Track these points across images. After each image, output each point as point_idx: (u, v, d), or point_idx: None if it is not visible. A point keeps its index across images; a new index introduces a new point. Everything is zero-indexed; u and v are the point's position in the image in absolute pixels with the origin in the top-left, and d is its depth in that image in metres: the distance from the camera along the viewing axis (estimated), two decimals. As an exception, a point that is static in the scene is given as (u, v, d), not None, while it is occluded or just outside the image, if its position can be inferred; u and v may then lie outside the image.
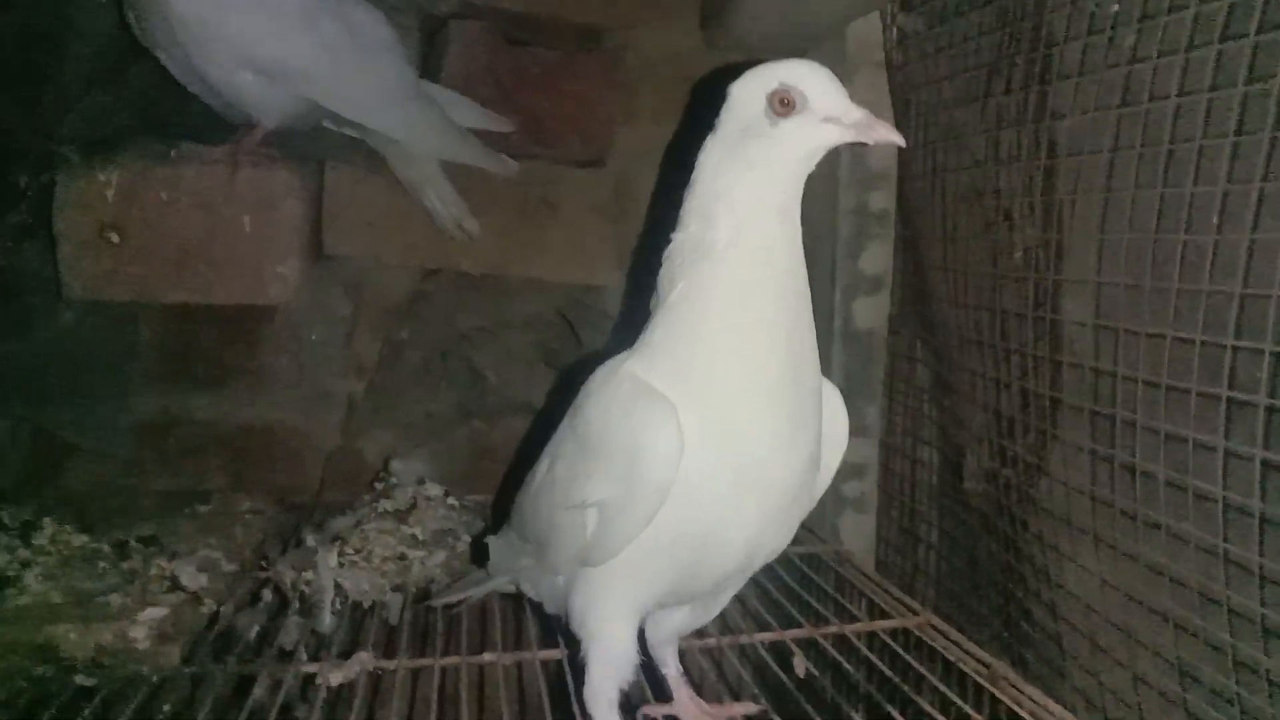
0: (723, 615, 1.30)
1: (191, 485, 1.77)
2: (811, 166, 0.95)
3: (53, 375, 1.70)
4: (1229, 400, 0.98)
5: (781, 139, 0.91)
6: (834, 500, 1.79)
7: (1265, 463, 0.94)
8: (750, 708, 1.17)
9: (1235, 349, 0.97)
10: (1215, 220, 0.99)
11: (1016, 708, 1.15)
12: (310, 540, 1.53)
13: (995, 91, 1.41)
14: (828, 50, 1.74)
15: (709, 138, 0.97)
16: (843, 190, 1.76)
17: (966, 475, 1.49)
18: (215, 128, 1.69)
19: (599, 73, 1.94)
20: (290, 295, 1.69)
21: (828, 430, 1.03)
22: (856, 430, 1.79)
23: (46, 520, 1.43)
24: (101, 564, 1.37)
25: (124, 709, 1.11)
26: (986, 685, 1.20)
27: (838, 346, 1.78)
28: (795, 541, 1.67)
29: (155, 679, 1.18)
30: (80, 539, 1.41)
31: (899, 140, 0.93)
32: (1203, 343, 1.00)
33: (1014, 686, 1.19)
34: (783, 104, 0.90)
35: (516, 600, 1.36)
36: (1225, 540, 0.99)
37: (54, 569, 1.33)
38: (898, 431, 1.81)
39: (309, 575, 1.45)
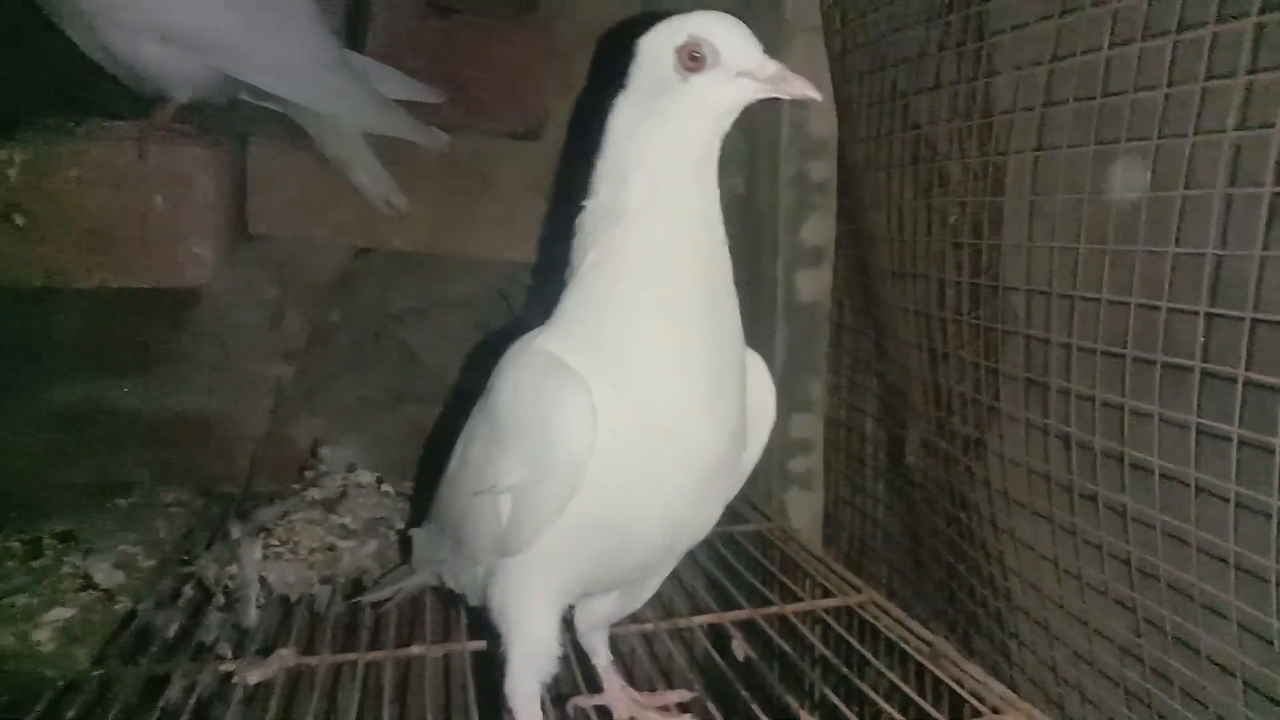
0: (660, 597, 1.27)
1: (113, 478, 1.69)
2: (727, 125, 0.90)
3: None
4: (1164, 366, 0.94)
5: (692, 95, 0.87)
6: (780, 477, 1.76)
7: (1201, 430, 0.91)
8: (684, 695, 1.13)
9: (1170, 311, 0.94)
10: (1148, 178, 0.96)
11: (957, 686, 1.12)
12: (235, 532, 1.48)
13: (931, 50, 1.37)
14: (764, 16, 1.69)
15: (619, 96, 0.92)
16: (783, 159, 1.71)
17: (908, 450, 1.46)
18: (131, 103, 1.61)
19: (532, 41, 1.89)
20: (208, 277, 1.62)
21: (753, 403, 0.98)
22: (801, 405, 1.78)
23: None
24: (9, 563, 1.31)
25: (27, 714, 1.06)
26: (927, 664, 1.18)
27: (781, 320, 1.73)
28: (739, 519, 1.68)
29: (60, 683, 1.12)
30: None
31: (814, 95, 0.88)
32: (1138, 306, 0.97)
33: (955, 664, 1.16)
34: (692, 58, 0.86)
35: (449, 591, 1.32)
36: (1160, 512, 0.96)
37: (-44, 569, 1.27)
38: (842, 406, 1.77)
39: (233, 569, 1.40)
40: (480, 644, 1.22)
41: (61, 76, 1.62)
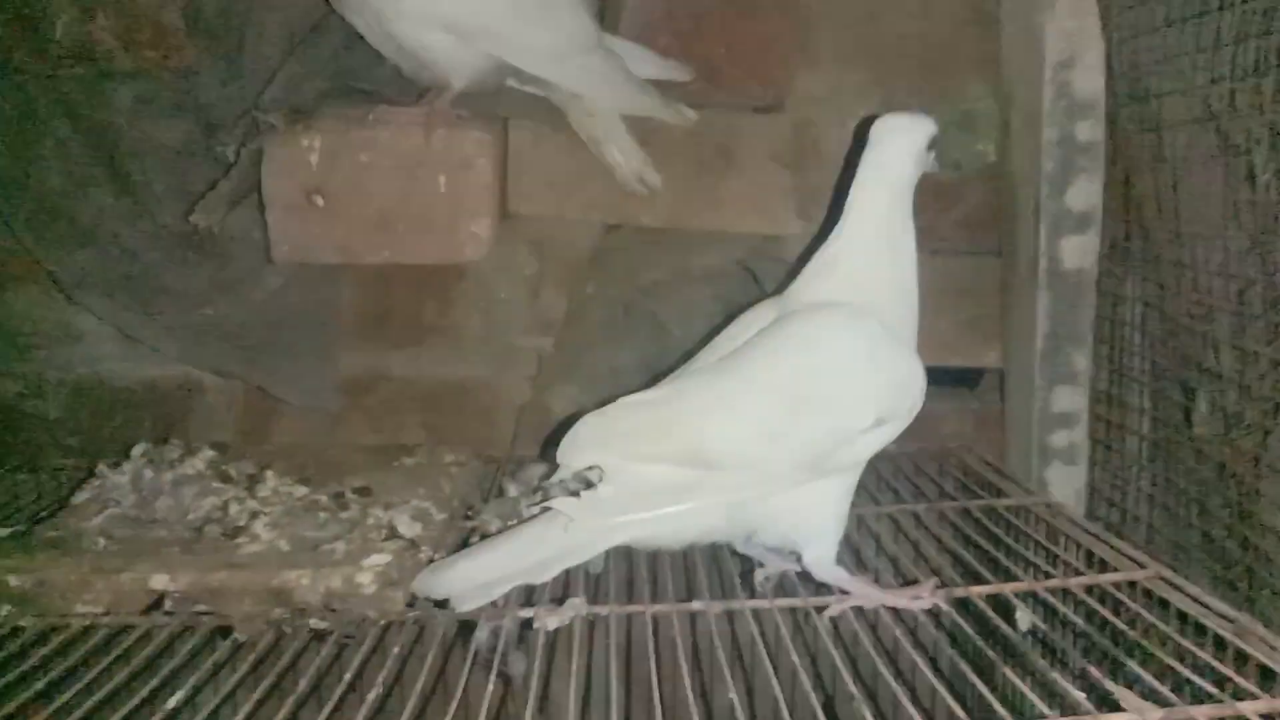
0: (930, 567, 1.38)
1: (395, 440, 1.82)
2: None
3: (262, 335, 1.78)
4: None
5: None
6: (1040, 451, 1.71)
7: None
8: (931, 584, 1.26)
9: None
10: None
11: (1270, 662, 1.07)
12: (511, 490, 1.56)
13: (1212, 7, 1.30)
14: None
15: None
16: (1046, 122, 1.66)
17: (1197, 420, 1.39)
18: (401, 91, 1.73)
19: (778, 12, 1.87)
20: (484, 253, 1.72)
21: None
22: (1064, 377, 1.72)
23: (269, 473, 1.50)
24: (322, 514, 1.42)
25: (355, 652, 1.16)
26: (1232, 639, 1.12)
27: (1043, 289, 1.68)
28: (999, 493, 1.65)
29: (383, 623, 1.23)
30: (301, 490, 1.47)
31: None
32: None
33: (1264, 641, 1.10)
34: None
35: (719, 550, 1.37)
36: None
37: (280, 519, 1.39)
38: (1107, 377, 1.71)
39: (513, 523, 1.48)
40: (762, 602, 1.26)
41: (344, 69, 1.75)
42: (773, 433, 1.16)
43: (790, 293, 1.31)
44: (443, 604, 1.23)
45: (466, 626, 1.25)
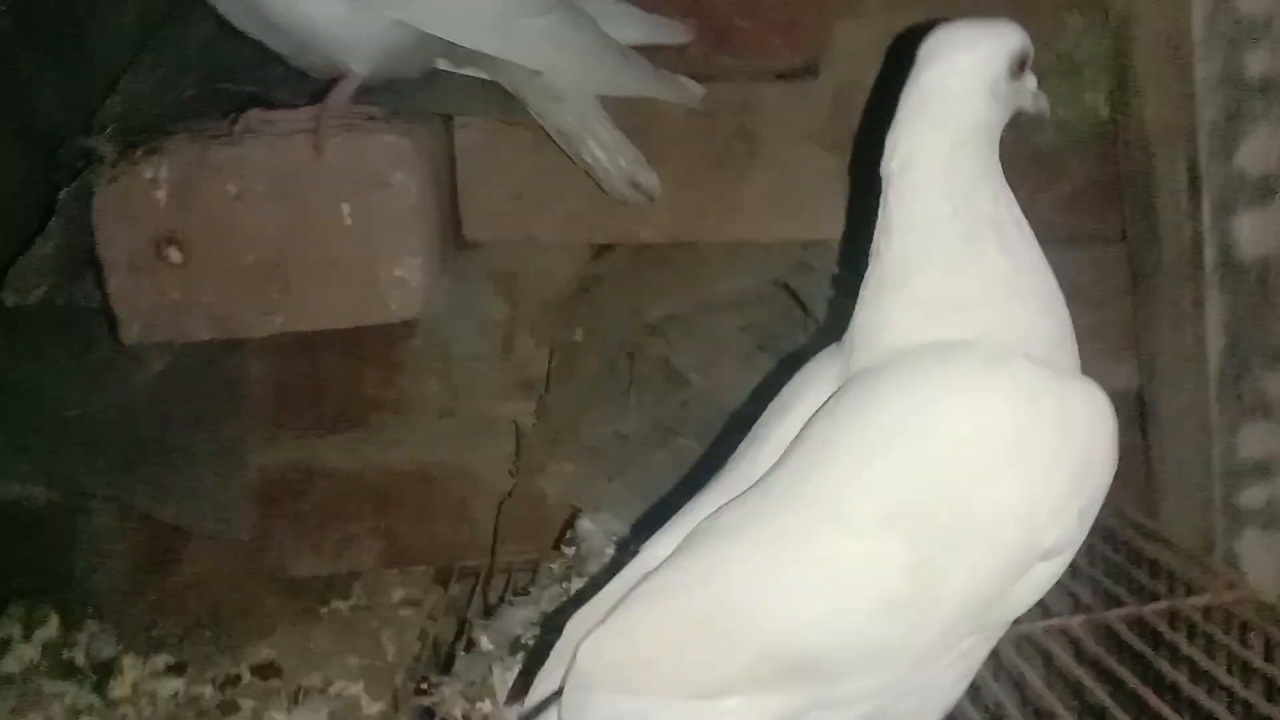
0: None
1: (331, 565, 1.40)
2: None
3: (141, 439, 1.34)
4: None
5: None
6: (1225, 513, 1.24)
7: None
8: None
9: None
10: None
11: None
12: (484, 642, 1.12)
13: None
14: None
15: None
16: (1200, 53, 1.18)
17: None
18: (298, 92, 1.29)
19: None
20: (419, 307, 1.26)
21: None
22: (1254, 409, 1.24)
23: (128, 661, 1.05)
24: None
25: None
26: None
27: (1213, 288, 1.20)
28: (1183, 585, 1.18)
29: None
30: (172, 685, 1.03)
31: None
32: None
33: None
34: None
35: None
36: None
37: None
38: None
39: (485, 706, 1.03)
40: None
41: (217, 67, 1.30)
42: (902, 601, 0.68)
43: (857, 331, 0.82)
44: None
45: None
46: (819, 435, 0.74)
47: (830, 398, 0.77)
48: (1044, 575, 0.73)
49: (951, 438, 0.71)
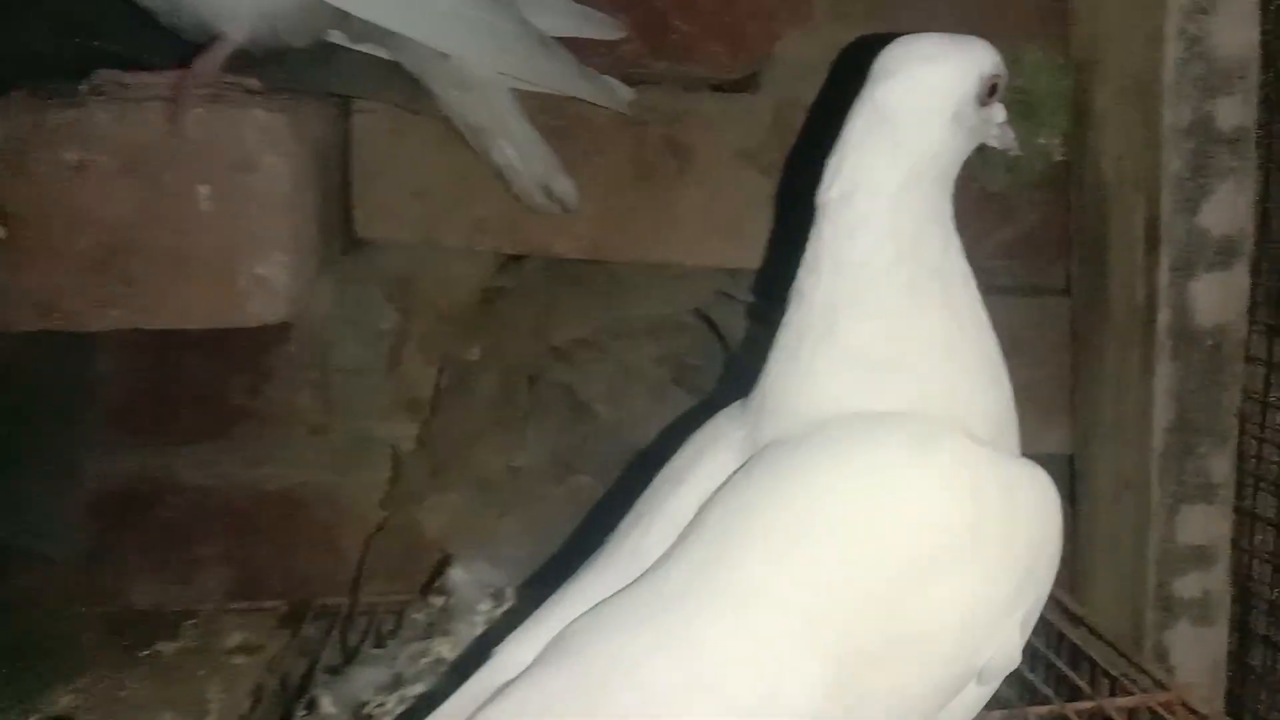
0: None
1: (170, 596, 1.25)
2: None
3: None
4: None
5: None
6: (1157, 603, 1.14)
7: None
8: None
9: None
10: None
11: None
12: (326, 704, 0.97)
13: None
14: None
15: None
16: (1168, 99, 1.09)
17: None
18: (169, 55, 1.12)
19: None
20: (283, 311, 1.10)
21: None
22: (1197, 491, 1.14)
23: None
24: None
25: None
26: None
27: (1164, 356, 1.11)
28: (1109, 682, 1.09)
29: None
30: None
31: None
32: None
33: None
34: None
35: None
36: None
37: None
38: (1251, 492, 1.14)
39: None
40: None
41: (82, 23, 1.14)
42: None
43: (769, 389, 0.69)
44: None
45: None
46: (723, 521, 0.61)
47: (735, 472, 0.64)
48: (974, 699, 0.61)
49: (880, 533, 0.58)
